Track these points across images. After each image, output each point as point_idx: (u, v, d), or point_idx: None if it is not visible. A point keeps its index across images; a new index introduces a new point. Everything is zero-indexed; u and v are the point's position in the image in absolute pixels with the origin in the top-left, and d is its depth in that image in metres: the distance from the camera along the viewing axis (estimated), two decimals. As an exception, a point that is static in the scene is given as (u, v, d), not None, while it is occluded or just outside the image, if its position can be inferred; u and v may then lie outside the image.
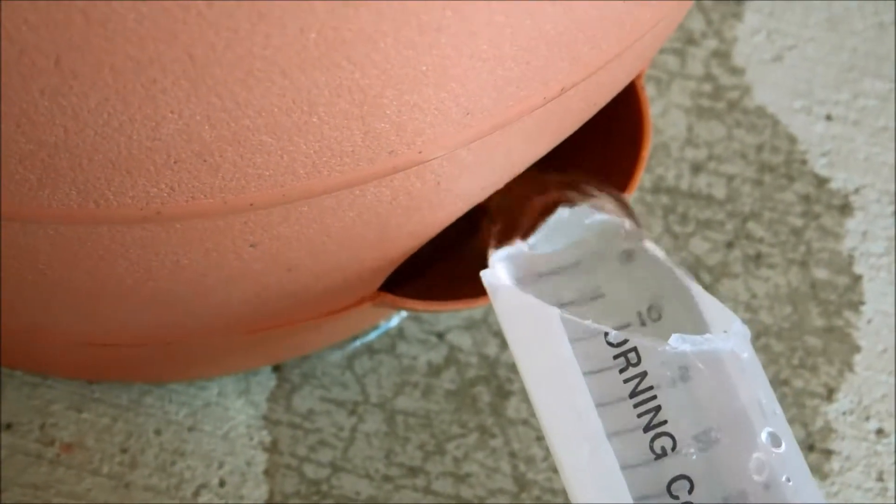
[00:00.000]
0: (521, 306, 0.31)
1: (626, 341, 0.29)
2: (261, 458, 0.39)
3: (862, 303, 0.42)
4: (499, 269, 0.32)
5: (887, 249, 0.43)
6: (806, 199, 0.44)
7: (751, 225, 0.44)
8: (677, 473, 0.29)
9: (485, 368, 0.41)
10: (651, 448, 0.29)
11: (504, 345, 0.41)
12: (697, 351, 0.29)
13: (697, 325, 0.30)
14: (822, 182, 0.45)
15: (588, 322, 0.30)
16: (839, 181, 0.45)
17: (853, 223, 0.44)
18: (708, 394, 0.29)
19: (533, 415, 0.40)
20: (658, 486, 0.29)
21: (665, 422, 0.29)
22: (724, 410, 0.29)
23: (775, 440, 0.29)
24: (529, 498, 0.38)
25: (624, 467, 0.29)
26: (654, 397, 0.29)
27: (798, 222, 0.44)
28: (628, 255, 0.32)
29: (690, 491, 0.29)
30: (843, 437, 0.40)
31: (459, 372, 0.40)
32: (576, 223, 0.32)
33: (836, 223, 0.44)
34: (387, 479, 0.39)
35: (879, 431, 0.40)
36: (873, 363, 0.41)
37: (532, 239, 0.32)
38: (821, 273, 0.43)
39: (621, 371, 0.29)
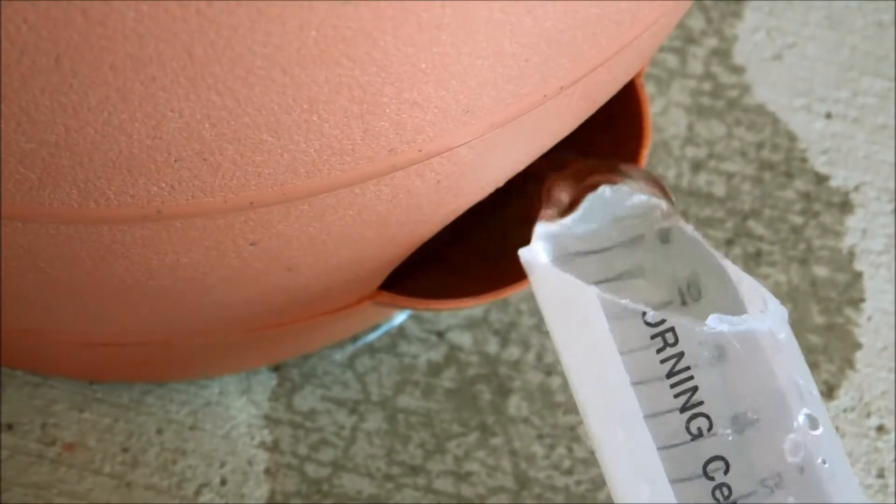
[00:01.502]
0: (558, 285, 0.31)
1: (663, 321, 0.29)
2: (262, 458, 0.39)
3: (862, 300, 0.42)
4: (537, 247, 0.32)
5: (887, 247, 0.43)
6: (806, 196, 0.44)
7: (751, 223, 0.44)
8: (713, 454, 0.29)
9: (485, 367, 0.41)
10: (687, 429, 0.29)
11: (504, 343, 0.41)
12: (735, 331, 0.29)
13: (735, 304, 0.30)
14: (821, 180, 0.45)
15: (625, 301, 0.30)
16: (839, 179, 0.45)
17: (853, 221, 0.44)
18: (745, 374, 0.29)
19: (533, 413, 0.40)
20: (694, 467, 0.29)
21: (702, 402, 0.29)
22: (761, 391, 0.29)
23: (812, 422, 0.29)
24: (530, 496, 0.38)
25: (660, 447, 0.29)
26: (691, 378, 0.29)
27: (798, 220, 0.44)
28: (666, 235, 0.32)
29: (726, 472, 0.29)
30: (843, 434, 0.40)
31: (460, 371, 0.41)
32: (616, 203, 0.32)
33: (836, 221, 0.44)
34: (388, 477, 0.39)
35: (880, 428, 0.40)
36: (874, 360, 0.41)
37: (570, 218, 0.32)
38: (821, 270, 0.43)
39: (658, 351, 0.29)
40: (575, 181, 0.33)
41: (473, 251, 0.37)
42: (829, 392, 0.40)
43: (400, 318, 0.41)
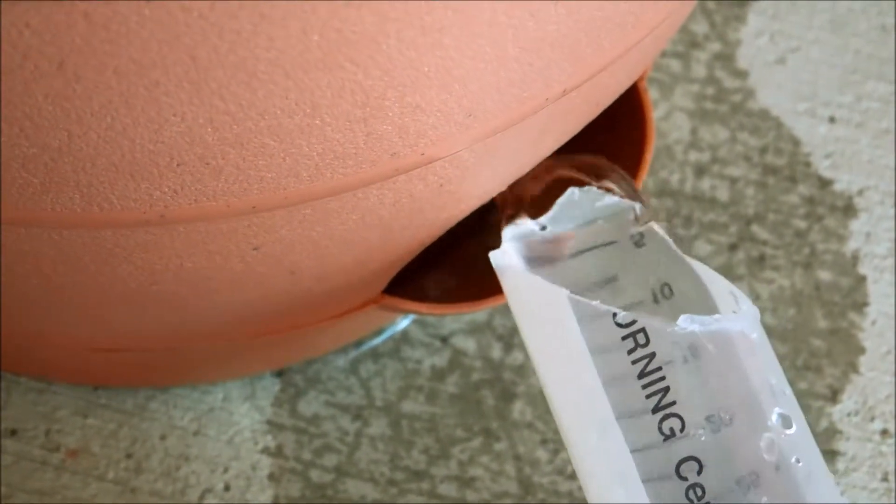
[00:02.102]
0: (529, 288, 0.31)
1: (634, 322, 0.29)
2: (266, 463, 0.39)
3: (866, 304, 0.42)
4: (508, 250, 0.32)
5: (891, 251, 0.43)
6: (810, 201, 0.44)
7: (755, 227, 0.44)
8: (686, 454, 0.29)
9: (489, 372, 0.41)
10: (660, 429, 0.29)
11: (508, 348, 0.41)
12: (706, 331, 0.29)
13: (707, 305, 0.30)
14: (825, 184, 0.45)
15: (596, 303, 0.30)
16: (843, 183, 0.45)
17: (857, 225, 0.44)
18: (717, 374, 0.29)
19: (537, 417, 0.40)
20: (667, 468, 0.29)
21: (674, 402, 0.29)
22: (734, 391, 0.29)
23: (786, 421, 0.29)
24: (534, 501, 0.38)
25: (633, 448, 0.29)
26: (663, 378, 0.29)
27: (802, 224, 0.44)
28: (639, 238, 0.32)
29: (699, 472, 0.29)
30: (847, 438, 0.40)
31: (464, 375, 0.40)
32: (587, 204, 0.32)
33: (839, 225, 0.44)
34: (392, 483, 0.39)
35: (884, 432, 0.40)
36: (877, 364, 0.41)
37: (543, 219, 0.32)
38: (825, 275, 0.43)
39: (630, 352, 0.29)
40: (534, 179, 0.33)
41: (477, 255, 0.37)
42: (832, 396, 0.40)
43: (403, 322, 0.41)
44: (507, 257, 0.32)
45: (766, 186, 0.44)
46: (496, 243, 0.32)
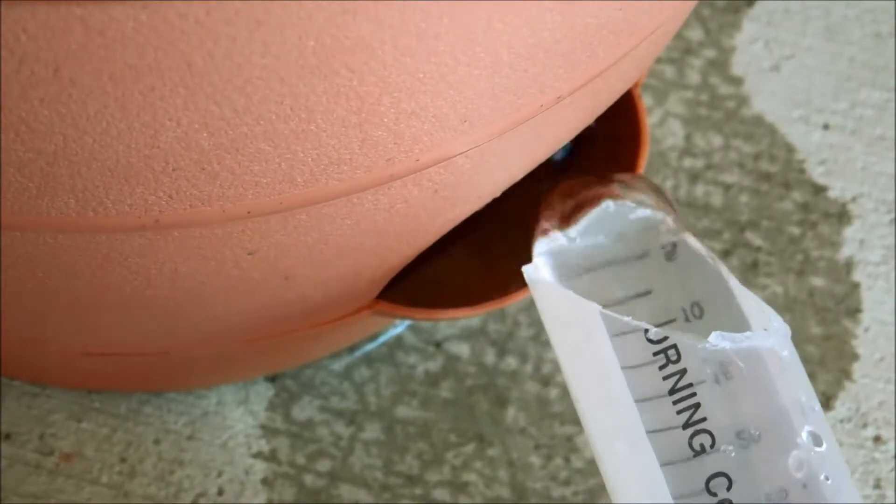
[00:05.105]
0: (561, 302, 0.31)
1: (665, 338, 0.29)
2: (259, 468, 0.39)
3: (859, 311, 0.42)
4: (540, 264, 0.32)
5: (885, 258, 0.43)
6: (803, 207, 0.44)
7: (748, 234, 0.44)
8: (716, 471, 0.29)
9: (483, 377, 0.41)
10: (690, 445, 0.29)
11: (501, 353, 0.41)
12: (737, 349, 0.29)
13: (738, 322, 0.30)
14: (819, 191, 0.45)
15: (628, 318, 0.30)
16: (837, 190, 0.45)
17: (851, 231, 0.44)
18: (748, 392, 0.29)
19: (531, 423, 0.40)
20: (696, 484, 0.29)
21: (704, 419, 0.29)
22: (764, 408, 0.29)
23: (816, 439, 0.29)
24: (528, 506, 0.38)
25: (663, 464, 0.29)
26: (694, 394, 0.29)
27: (795, 231, 0.44)
28: (672, 251, 0.32)
29: (729, 488, 0.29)
30: (840, 445, 0.40)
31: (457, 381, 0.41)
32: (620, 217, 0.32)
33: (833, 232, 0.44)
34: (385, 488, 0.39)
35: (877, 439, 0.40)
36: (871, 371, 0.41)
37: (573, 231, 0.32)
38: (818, 281, 0.43)
39: (661, 368, 0.29)
40: (569, 196, 0.33)
41: (472, 260, 0.37)
42: (826, 403, 0.40)
43: (398, 328, 0.41)
44: (538, 271, 0.32)
45: (760, 193, 0.45)
46: (493, 247, 0.32)
